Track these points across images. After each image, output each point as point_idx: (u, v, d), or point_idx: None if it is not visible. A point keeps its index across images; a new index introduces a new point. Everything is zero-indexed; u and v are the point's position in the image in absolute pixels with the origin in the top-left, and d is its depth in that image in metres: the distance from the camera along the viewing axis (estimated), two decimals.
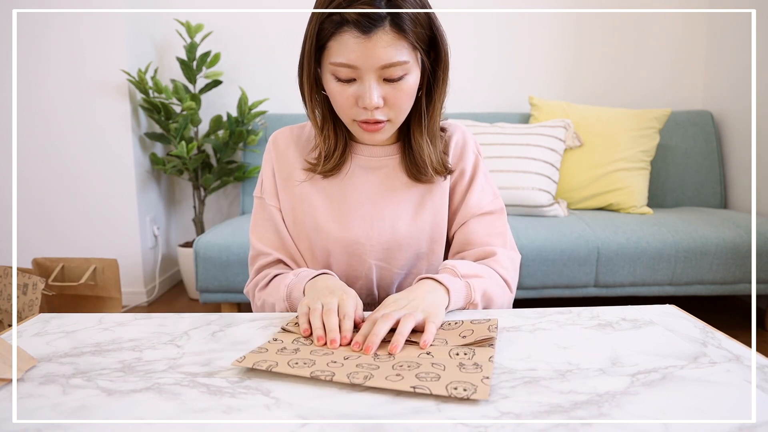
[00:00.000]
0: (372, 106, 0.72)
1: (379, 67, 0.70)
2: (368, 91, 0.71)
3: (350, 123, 0.77)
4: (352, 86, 0.72)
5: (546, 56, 2.58)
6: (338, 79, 0.72)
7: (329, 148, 0.82)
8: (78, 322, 0.72)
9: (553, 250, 1.82)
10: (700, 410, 0.47)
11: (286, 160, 0.87)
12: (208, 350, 0.63)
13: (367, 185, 0.84)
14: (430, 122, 0.81)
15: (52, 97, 2.23)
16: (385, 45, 0.69)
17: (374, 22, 0.67)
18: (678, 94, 2.59)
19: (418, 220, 0.85)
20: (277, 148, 0.88)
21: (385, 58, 0.69)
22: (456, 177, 0.87)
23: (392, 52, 0.69)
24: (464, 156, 0.87)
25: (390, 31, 0.68)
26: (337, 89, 0.73)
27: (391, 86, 0.72)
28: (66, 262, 1.71)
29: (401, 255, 0.85)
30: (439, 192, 0.86)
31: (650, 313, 0.74)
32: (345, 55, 0.69)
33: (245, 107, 2.33)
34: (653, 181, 2.33)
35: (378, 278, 0.87)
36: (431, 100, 0.80)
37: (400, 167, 0.85)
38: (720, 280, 1.86)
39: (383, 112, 0.74)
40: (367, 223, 0.84)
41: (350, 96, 0.73)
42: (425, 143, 0.81)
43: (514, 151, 2.12)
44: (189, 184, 2.65)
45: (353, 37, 0.68)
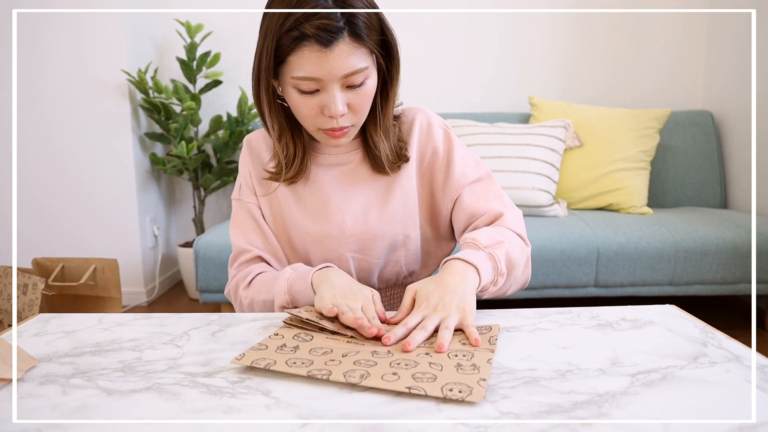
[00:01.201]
0: (338, 115, 0.73)
1: (341, 76, 0.71)
2: (333, 101, 0.72)
3: (315, 131, 0.78)
4: (315, 97, 0.73)
5: (546, 56, 2.58)
6: (301, 92, 0.73)
7: (289, 156, 0.83)
8: (78, 322, 0.72)
9: (553, 250, 1.82)
10: (700, 410, 0.47)
11: (261, 161, 0.88)
12: (208, 350, 0.63)
13: (334, 181, 0.86)
14: (384, 119, 0.83)
15: (53, 97, 2.23)
16: (345, 55, 0.70)
17: (333, 34, 0.68)
18: (678, 94, 2.59)
19: (388, 209, 0.86)
20: (252, 151, 0.89)
21: (347, 67, 0.70)
22: (430, 157, 0.87)
23: (353, 61, 0.70)
24: (432, 134, 0.87)
25: (349, 41, 0.69)
26: (300, 101, 0.74)
27: (354, 92, 0.74)
28: (66, 262, 1.71)
29: (376, 245, 0.86)
30: (405, 178, 0.86)
31: (650, 313, 0.74)
32: (307, 68, 0.70)
33: (245, 107, 2.33)
34: (653, 181, 2.33)
35: (357, 270, 0.89)
36: (386, 98, 0.81)
37: (363, 161, 0.86)
38: (720, 280, 1.86)
39: (347, 118, 0.76)
40: (338, 217, 0.85)
41: (315, 106, 0.74)
42: (380, 140, 0.83)
43: (514, 151, 2.12)
44: (189, 184, 2.65)
45: (314, 51, 0.68)
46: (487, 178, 0.88)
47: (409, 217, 0.87)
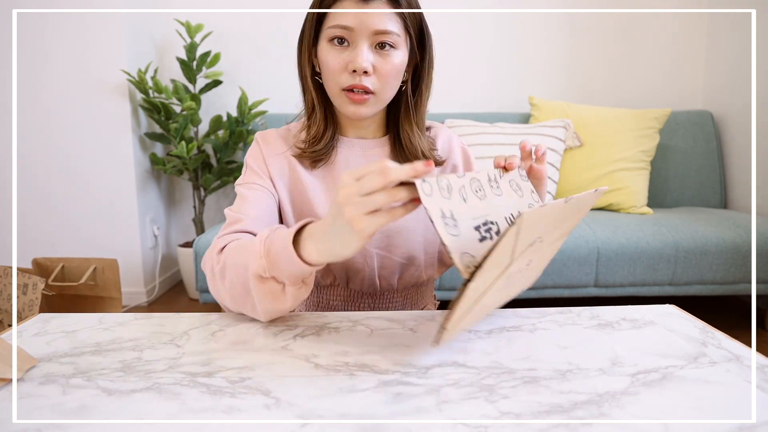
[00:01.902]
0: (361, 68, 0.75)
1: (372, 32, 0.75)
2: (359, 53, 0.75)
3: (338, 94, 0.79)
4: (345, 51, 0.76)
5: (546, 56, 2.58)
6: (332, 44, 0.77)
7: (318, 131, 0.84)
8: (78, 322, 0.72)
9: None
10: (700, 410, 0.47)
11: (277, 154, 0.87)
12: (208, 350, 0.63)
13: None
14: (418, 114, 0.85)
15: (53, 97, 2.23)
16: (380, 13, 0.75)
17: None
18: (678, 94, 2.59)
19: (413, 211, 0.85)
20: (268, 144, 0.87)
21: (379, 23, 0.75)
22: (450, 171, 0.90)
23: (385, 20, 0.75)
24: (453, 150, 0.92)
25: (386, 3, 0.75)
26: (330, 54, 0.77)
27: (381, 55, 0.77)
28: (66, 262, 1.71)
29: (401, 242, 0.86)
30: None
31: (650, 313, 0.74)
32: (343, 18, 0.75)
33: (245, 107, 2.33)
34: (653, 181, 2.33)
35: (379, 267, 0.87)
36: (419, 92, 0.84)
37: (391, 156, 0.87)
38: (720, 280, 1.86)
39: (370, 80, 0.77)
40: None
41: (342, 61, 0.76)
42: (415, 134, 0.84)
43: (514, 151, 2.11)
44: (189, 184, 2.65)
45: (353, 2, 0.74)
46: None
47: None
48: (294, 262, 0.60)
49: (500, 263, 0.51)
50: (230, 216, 0.80)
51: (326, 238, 0.58)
